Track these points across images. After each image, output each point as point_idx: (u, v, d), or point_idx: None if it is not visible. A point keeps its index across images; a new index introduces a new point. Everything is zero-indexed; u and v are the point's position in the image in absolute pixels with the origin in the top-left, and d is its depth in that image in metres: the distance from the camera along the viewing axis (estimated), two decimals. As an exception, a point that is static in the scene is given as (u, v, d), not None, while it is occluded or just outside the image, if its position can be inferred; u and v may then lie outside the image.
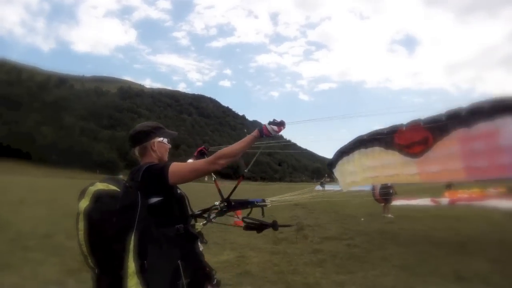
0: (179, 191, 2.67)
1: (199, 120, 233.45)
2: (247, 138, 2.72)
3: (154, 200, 2.44)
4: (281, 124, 2.83)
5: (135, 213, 2.25)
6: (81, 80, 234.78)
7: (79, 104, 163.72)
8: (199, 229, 2.89)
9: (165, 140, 2.82)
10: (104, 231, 2.16)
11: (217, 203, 3.17)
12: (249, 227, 3.13)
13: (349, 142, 10.96)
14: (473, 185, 37.22)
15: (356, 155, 10.80)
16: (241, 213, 3.44)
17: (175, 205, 2.59)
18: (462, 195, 28.42)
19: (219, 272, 7.04)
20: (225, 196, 3.21)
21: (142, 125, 2.82)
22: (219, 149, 2.65)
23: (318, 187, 26.99)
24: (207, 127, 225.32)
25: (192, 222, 2.88)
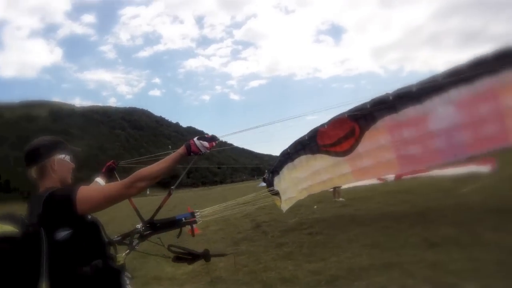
0: (89, 217, 2.28)
1: (133, 133, 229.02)
2: (172, 156, 2.41)
3: (61, 234, 2.06)
4: (212, 139, 2.55)
5: (41, 257, 1.93)
6: (11, 107, 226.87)
7: (10, 133, 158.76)
8: (121, 261, 2.48)
9: (67, 158, 2.46)
10: (4, 283, 1.83)
11: (138, 226, 2.77)
12: (178, 258, 2.73)
13: (277, 160, 10.86)
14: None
15: (285, 171, 10.54)
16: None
17: (88, 236, 2.21)
18: (404, 170, 29.87)
19: (188, 284, 6.75)
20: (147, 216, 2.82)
21: (40, 139, 2.44)
22: (136, 169, 2.30)
23: (262, 184, 27.21)
24: (141, 139, 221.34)
25: (112, 251, 2.51)
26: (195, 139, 2.52)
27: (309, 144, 9.25)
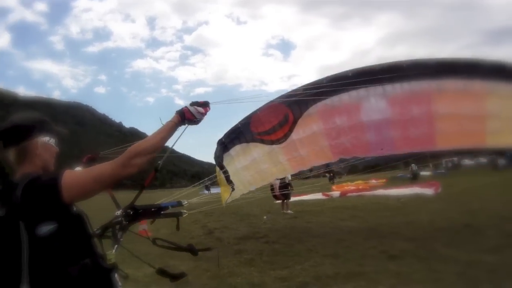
0: (75, 209, 2.01)
1: (76, 129, 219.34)
2: (166, 126, 2.27)
3: (45, 229, 1.77)
4: (206, 105, 2.48)
5: (21, 256, 1.70)
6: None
7: None
8: (112, 259, 2.22)
9: (52, 141, 2.16)
10: None
11: (118, 212, 2.54)
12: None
13: (214, 153, 10.31)
14: (356, 178, 41.36)
15: (224, 164, 9.84)
16: (146, 222, 2.84)
17: (75, 231, 1.94)
18: (349, 187, 31.21)
19: (153, 287, 6.67)
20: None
21: (21, 116, 2.12)
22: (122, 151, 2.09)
23: (204, 191, 27.15)
24: (84, 136, 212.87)
25: (99, 248, 2.22)
26: (188, 105, 2.43)
27: (243, 132, 8.81)
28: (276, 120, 7.99)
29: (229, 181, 9.28)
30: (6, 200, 1.81)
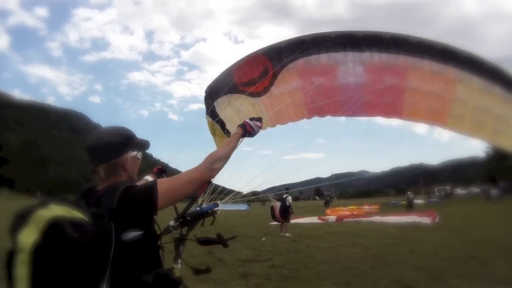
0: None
1: (69, 136, 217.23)
2: (234, 137, 2.61)
3: (131, 235, 1.88)
4: (260, 120, 2.84)
5: (108, 255, 1.73)
6: None
7: None
8: (177, 273, 2.41)
9: (139, 154, 2.30)
10: (65, 283, 1.60)
11: (171, 223, 2.70)
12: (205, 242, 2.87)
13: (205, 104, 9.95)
14: (349, 203, 41.42)
15: (217, 112, 9.63)
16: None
17: (153, 240, 2.11)
18: (344, 212, 31.26)
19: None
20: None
21: (109, 133, 2.21)
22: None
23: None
24: (76, 144, 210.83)
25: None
26: (247, 120, 2.79)
27: (226, 83, 8.58)
28: (257, 72, 7.94)
29: (225, 130, 9.19)
30: (103, 202, 1.91)
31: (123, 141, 2.17)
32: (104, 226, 1.76)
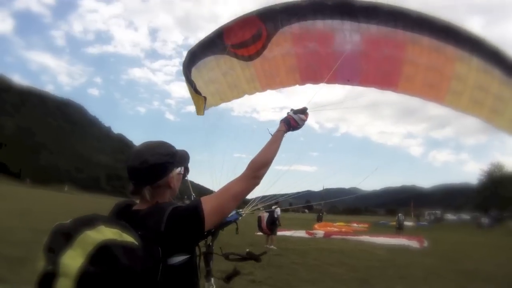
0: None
1: (65, 126, 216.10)
2: (277, 137, 2.42)
3: (176, 260, 1.81)
4: (304, 111, 2.64)
5: (156, 282, 1.67)
6: None
7: None
8: None
9: (182, 169, 2.17)
10: None
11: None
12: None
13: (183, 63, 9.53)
14: (337, 219, 41.10)
15: (194, 72, 9.13)
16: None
17: (196, 263, 2.05)
18: (331, 228, 30.95)
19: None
20: None
21: (152, 153, 2.02)
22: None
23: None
24: (71, 134, 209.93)
25: None
26: (291, 113, 2.57)
27: (215, 43, 8.32)
28: (249, 33, 7.79)
29: (197, 91, 8.72)
30: (148, 224, 1.80)
31: (169, 160, 2.04)
32: (154, 251, 1.68)
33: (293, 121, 2.53)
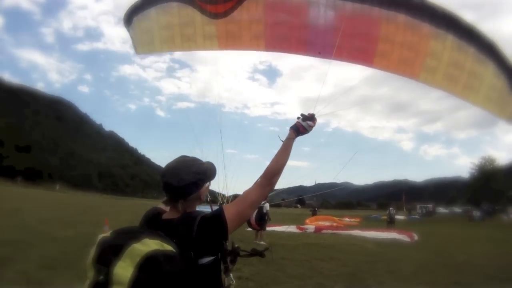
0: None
1: (56, 124, 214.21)
2: (288, 145, 2.61)
3: (205, 260, 2.09)
4: (312, 118, 2.79)
5: (190, 281, 1.87)
6: None
7: None
8: None
9: (210, 183, 2.47)
10: None
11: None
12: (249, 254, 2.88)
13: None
14: (330, 214, 41.10)
15: (152, 11, 8.64)
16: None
17: (220, 262, 2.29)
18: (323, 223, 30.87)
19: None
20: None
21: (188, 171, 2.26)
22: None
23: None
24: (62, 132, 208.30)
25: None
26: (300, 120, 2.75)
27: None
28: None
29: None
30: (180, 230, 2.05)
31: (201, 178, 2.30)
32: (188, 256, 1.93)
33: (302, 128, 2.71)
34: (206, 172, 2.35)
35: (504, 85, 4.73)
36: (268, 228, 20.16)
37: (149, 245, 1.74)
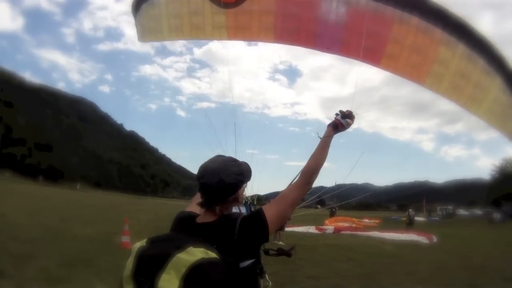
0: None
1: (76, 123, 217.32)
2: (326, 141, 2.53)
3: (246, 263, 2.02)
4: (351, 116, 2.73)
5: (232, 284, 1.82)
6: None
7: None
8: None
9: (247, 184, 2.36)
10: None
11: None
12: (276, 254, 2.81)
13: None
14: (349, 214, 40.80)
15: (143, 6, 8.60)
16: (128, 233, 2.73)
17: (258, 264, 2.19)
18: (343, 224, 30.62)
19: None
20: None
21: (228, 172, 2.15)
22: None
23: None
24: (83, 131, 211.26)
25: None
26: (338, 117, 2.68)
27: None
28: None
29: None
30: (219, 233, 2.00)
31: (240, 179, 2.19)
32: (230, 260, 1.86)
33: (341, 126, 2.65)
34: (244, 173, 2.22)
35: (510, 101, 4.73)
36: (286, 229, 20.29)
37: (195, 254, 1.67)
